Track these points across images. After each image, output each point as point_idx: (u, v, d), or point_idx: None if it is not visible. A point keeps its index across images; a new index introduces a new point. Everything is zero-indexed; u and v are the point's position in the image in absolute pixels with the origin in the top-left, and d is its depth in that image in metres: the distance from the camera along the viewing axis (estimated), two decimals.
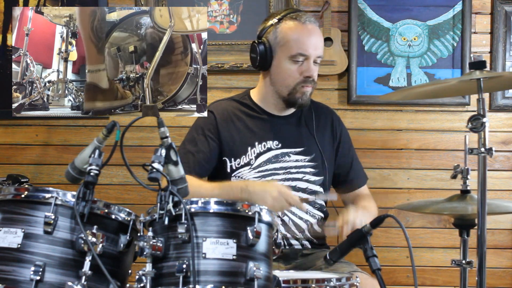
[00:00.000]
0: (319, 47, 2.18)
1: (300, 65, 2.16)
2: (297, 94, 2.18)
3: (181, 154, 2.14)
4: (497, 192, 3.00)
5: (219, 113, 2.25)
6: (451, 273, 2.99)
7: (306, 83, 2.18)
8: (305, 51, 2.15)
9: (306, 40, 2.15)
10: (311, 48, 2.15)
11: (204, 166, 2.19)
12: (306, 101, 2.21)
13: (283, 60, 2.18)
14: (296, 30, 2.16)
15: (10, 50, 2.99)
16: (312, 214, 2.25)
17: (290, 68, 2.17)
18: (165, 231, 1.45)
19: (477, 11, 3.03)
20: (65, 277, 1.40)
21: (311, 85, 2.19)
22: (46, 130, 3.04)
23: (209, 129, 2.22)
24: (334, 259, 1.76)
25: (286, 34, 2.17)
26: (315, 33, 2.19)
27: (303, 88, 2.18)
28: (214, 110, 2.27)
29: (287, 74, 2.18)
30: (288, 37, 2.16)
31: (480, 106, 1.58)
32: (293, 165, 2.22)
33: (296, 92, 2.18)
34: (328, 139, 2.31)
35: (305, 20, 2.18)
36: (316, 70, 2.20)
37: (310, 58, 2.16)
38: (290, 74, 2.18)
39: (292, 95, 2.19)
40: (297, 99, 2.19)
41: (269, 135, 2.23)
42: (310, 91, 2.21)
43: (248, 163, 2.20)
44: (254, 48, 2.20)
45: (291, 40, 2.16)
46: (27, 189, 1.48)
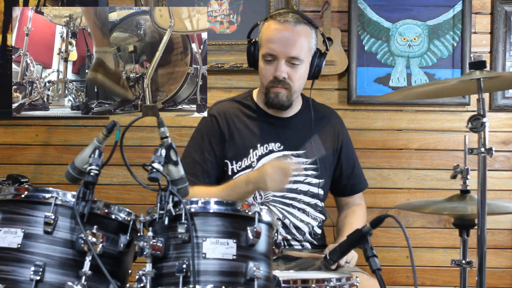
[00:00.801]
0: (289, 46, 2.10)
1: (271, 64, 2.14)
2: (270, 94, 2.17)
3: (189, 164, 2.16)
4: (497, 192, 3.00)
5: (221, 116, 2.24)
6: (451, 273, 2.99)
7: (274, 83, 2.14)
8: (272, 50, 2.11)
9: (274, 39, 2.11)
10: (279, 47, 2.10)
11: (211, 174, 2.20)
12: (280, 102, 2.16)
13: (260, 60, 2.18)
14: (269, 29, 2.15)
15: (10, 50, 2.99)
16: (314, 217, 2.25)
17: (263, 68, 2.17)
18: (165, 231, 1.45)
19: (477, 11, 3.03)
20: (65, 277, 1.40)
21: (282, 87, 2.14)
22: (46, 130, 3.04)
23: (213, 134, 2.22)
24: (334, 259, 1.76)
25: (263, 33, 2.18)
26: (288, 32, 2.11)
27: (273, 88, 2.15)
28: (215, 113, 2.26)
29: (262, 74, 2.18)
30: (263, 36, 2.16)
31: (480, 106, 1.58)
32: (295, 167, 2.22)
33: (269, 92, 2.17)
34: (330, 142, 2.30)
35: (283, 19, 2.12)
36: (292, 72, 2.13)
37: (279, 58, 2.11)
38: (263, 74, 2.17)
39: (267, 95, 2.18)
40: (269, 99, 2.17)
41: (271, 137, 2.23)
42: (283, 92, 2.14)
43: (250, 166, 2.19)
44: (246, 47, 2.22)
45: (264, 39, 2.15)
46: (27, 189, 1.48)
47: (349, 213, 2.32)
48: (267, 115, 2.26)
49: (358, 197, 2.39)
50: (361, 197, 2.41)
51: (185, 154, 2.23)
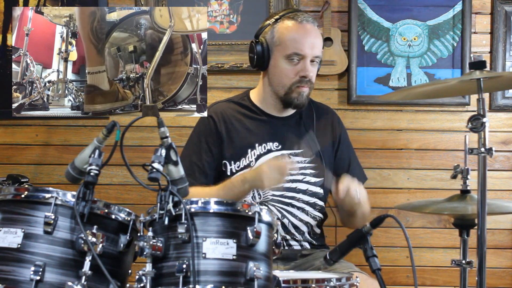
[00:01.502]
0: (316, 46, 2.16)
1: (295, 64, 2.15)
2: (293, 94, 2.17)
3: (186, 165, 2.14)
4: (497, 192, 3.00)
5: (218, 117, 2.24)
6: (451, 273, 2.99)
7: (302, 83, 2.16)
8: (300, 51, 2.14)
9: (302, 40, 2.14)
10: (307, 47, 2.14)
11: (209, 175, 2.20)
12: (303, 102, 2.19)
13: (279, 60, 2.17)
14: (292, 29, 2.16)
15: (10, 50, 2.99)
16: (313, 216, 2.25)
17: (286, 68, 2.16)
18: (165, 231, 1.45)
19: (477, 11, 3.03)
20: (65, 277, 1.40)
21: (307, 86, 2.17)
22: (46, 130, 3.04)
23: (210, 135, 2.22)
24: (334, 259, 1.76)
25: (282, 33, 2.16)
26: (312, 33, 2.17)
27: (298, 88, 2.17)
28: (213, 114, 2.26)
29: (283, 74, 2.17)
30: (284, 37, 2.16)
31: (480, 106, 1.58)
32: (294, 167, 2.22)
33: (292, 92, 2.17)
34: (328, 140, 2.31)
35: (302, 19, 2.17)
36: (313, 70, 2.19)
37: (306, 58, 2.14)
38: (286, 74, 2.17)
39: (288, 95, 2.18)
40: (293, 99, 2.18)
41: (269, 136, 2.23)
42: (307, 91, 2.19)
43: (248, 165, 2.19)
44: (252, 47, 2.21)
45: (287, 39, 2.15)
46: (27, 189, 1.48)
47: None
48: (264, 114, 2.26)
49: None
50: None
51: (182, 155, 2.23)
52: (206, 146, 2.21)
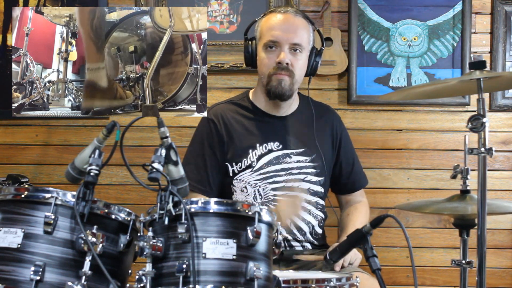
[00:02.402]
0: (292, 33, 2.15)
1: (273, 52, 2.16)
2: (272, 82, 2.16)
3: (193, 171, 2.17)
4: (497, 192, 3.00)
5: (218, 120, 2.25)
6: (451, 273, 2.99)
7: (279, 70, 2.15)
8: (274, 37, 2.14)
9: (276, 27, 2.16)
10: (282, 33, 2.14)
11: (216, 179, 2.21)
12: (283, 91, 2.16)
13: (260, 52, 2.20)
14: (269, 20, 2.19)
15: (10, 50, 2.99)
16: (314, 215, 2.25)
17: (265, 57, 2.18)
18: (165, 231, 1.45)
19: (477, 11, 3.03)
20: (65, 277, 1.40)
21: (286, 74, 2.15)
22: (46, 130, 3.04)
23: (212, 139, 2.22)
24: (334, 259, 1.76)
25: (262, 26, 2.20)
26: (289, 20, 2.17)
27: (276, 75, 2.15)
28: (213, 117, 2.26)
29: (262, 64, 2.19)
30: (263, 28, 2.20)
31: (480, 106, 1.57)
32: (295, 166, 2.22)
33: (271, 80, 2.17)
34: (328, 139, 2.31)
35: (281, 10, 2.19)
36: (294, 59, 2.16)
37: (282, 44, 2.14)
38: (265, 63, 2.18)
39: (269, 84, 2.17)
40: (272, 88, 2.16)
41: (270, 136, 2.23)
42: (287, 80, 2.15)
43: (250, 166, 2.19)
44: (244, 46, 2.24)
45: (264, 29, 2.18)
46: (27, 189, 1.48)
47: (351, 211, 2.33)
48: (264, 114, 2.26)
49: (359, 194, 2.39)
50: (362, 194, 2.41)
51: (187, 160, 2.23)
52: (209, 150, 2.21)
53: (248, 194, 2.18)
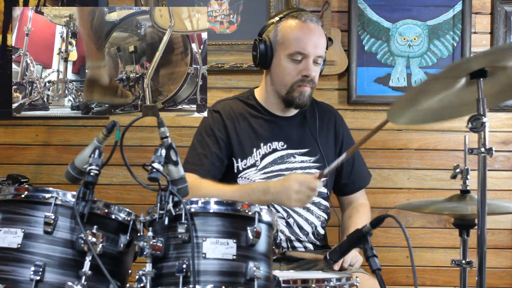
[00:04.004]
0: (319, 46, 2.16)
1: (298, 63, 2.15)
2: (295, 93, 2.17)
3: (194, 157, 2.15)
4: (497, 192, 3.00)
5: (225, 113, 2.24)
6: (451, 273, 2.99)
7: (304, 82, 2.15)
8: (303, 50, 2.13)
9: (305, 39, 2.13)
10: (310, 46, 2.13)
11: (218, 168, 2.19)
12: (304, 101, 2.19)
13: (282, 59, 2.16)
14: (295, 28, 2.15)
15: (10, 50, 3.00)
16: (317, 216, 2.25)
17: (289, 67, 2.16)
18: (165, 231, 1.45)
19: (477, 11, 3.03)
20: (65, 277, 1.40)
21: (309, 85, 2.17)
22: (46, 130, 3.04)
23: (218, 128, 2.21)
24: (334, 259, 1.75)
25: (285, 32, 2.16)
26: (315, 32, 2.16)
27: (300, 87, 2.16)
28: (220, 109, 2.25)
29: (285, 73, 2.17)
30: (288, 36, 2.15)
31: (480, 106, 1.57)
32: (298, 166, 2.22)
33: (294, 91, 2.17)
34: (331, 139, 2.31)
35: (306, 19, 2.16)
36: (316, 70, 2.18)
37: (309, 57, 2.14)
38: (288, 72, 2.16)
39: (289, 94, 2.17)
40: (294, 99, 2.17)
41: (274, 136, 2.23)
42: (309, 91, 2.18)
43: (254, 164, 2.19)
44: (255, 45, 2.20)
45: (290, 38, 2.15)
46: (27, 189, 1.48)
47: (353, 212, 2.32)
48: (269, 114, 2.26)
49: (360, 195, 2.39)
50: (363, 195, 2.40)
51: (190, 149, 2.23)
52: (213, 138, 2.20)
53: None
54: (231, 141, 2.20)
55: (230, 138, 2.20)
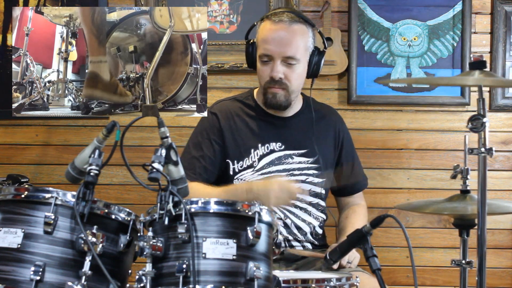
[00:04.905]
0: (284, 46, 2.10)
1: (267, 65, 2.14)
2: (268, 94, 2.16)
3: (187, 160, 2.15)
4: (497, 192, 3.00)
5: (222, 115, 2.24)
6: (451, 273, 2.99)
7: (271, 83, 2.13)
8: (267, 51, 2.11)
9: (269, 40, 2.11)
10: (274, 47, 2.10)
11: (210, 171, 2.19)
12: (278, 103, 2.16)
13: (257, 60, 2.18)
14: (264, 30, 2.15)
15: (10, 50, 2.99)
16: (316, 216, 2.25)
17: (260, 69, 2.17)
18: (165, 231, 1.45)
19: (477, 11, 3.03)
20: (65, 277, 1.41)
21: (279, 87, 2.13)
22: (46, 130, 3.04)
23: (213, 132, 2.21)
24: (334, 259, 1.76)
25: (259, 34, 2.18)
26: (281, 32, 2.11)
27: (270, 89, 2.15)
28: (217, 111, 2.25)
29: (259, 75, 2.19)
30: (259, 37, 2.17)
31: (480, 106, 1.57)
32: (296, 167, 2.22)
33: (266, 93, 2.17)
34: (330, 141, 2.31)
35: (278, 19, 2.12)
36: (288, 71, 2.12)
37: (275, 58, 2.11)
38: (260, 74, 2.18)
39: (265, 95, 2.18)
40: (267, 100, 2.17)
41: (272, 136, 2.23)
42: (281, 92, 2.14)
43: (251, 165, 2.19)
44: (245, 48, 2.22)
45: (260, 40, 2.15)
46: (27, 189, 1.48)
47: (350, 213, 2.32)
48: (268, 114, 2.26)
49: (358, 197, 2.39)
50: (361, 196, 2.41)
51: (184, 151, 2.23)
52: (208, 141, 2.20)
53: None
54: (227, 143, 2.20)
55: (226, 141, 2.20)
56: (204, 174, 2.17)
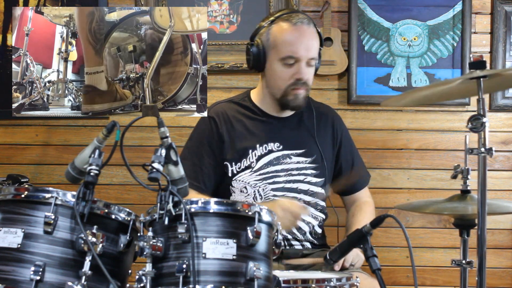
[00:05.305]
0: (311, 49, 2.13)
1: (290, 67, 2.13)
2: (289, 96, 2.16)
3: (188, 167, 2.14)
4: (497, 192, 3.00)
5: (219, 118, 2.24)
6: (451, 273, 2.99)
7: (297, 85, 2.14)
8: (295, 54, 2.11)
9: (296, 43, 2.12)
10: (302, 50, 2.11)
11: (212, 177, 2.20)
12: (299, 104, 2.18)
13: (274, 63, 2.15)
14: (286, 32, 2.13)
15: (10, 50, 2.99)
16: (314, 216, 2.25)
17: (281, 71, 2.15)
18: (165, 231, 1.45)
19: (477, 11, 3.03)
20: (65, 277, 1.40)
21: (303, 88, 2.16)
22: (46, 130, 3.04)
23: (213, 137, 2.21)
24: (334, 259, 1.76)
25: (276, 36, 2.14)
26: (307, 35, 2.14)
27: (293, 90, 2.15)
28: (214, 115, 2.25)
29: (278, 77, 2.16)
30: (279, 40, 2.13)
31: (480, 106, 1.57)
32: (294, 167, 2.22)
33: (288, 94, 2.16)
34: (329, 140, 2.31)
35: (297, 21, 2.13)
36: (309, 72, 2.16)
37: (301, 60, 2.12)
38: (281, 76, 2.15)
39: (284, 97, 2.17)
40: (289, 102, 2.17)
41: (270, 137, 2.23)
42: (303, 93, 2.17)
43: (249, 166, 2.19)
44: (248, 49, 2.19)
45: (282, 42, 2.13)
46: (27, 189, 1.48)
47: (356, 211, 2.32)
48: (265, 115, 2.26)
49: (363, 194, 2.39)
50: (367, 194, 2.40)
51: (183, 156, 2.21)
52: (208, 148, 2.20)
53: (248, 194, 2.18)
54: (226, 146, 2.20)
55: (224, 144, 2.20)
56: (207, 181, 2.18)
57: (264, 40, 2.16)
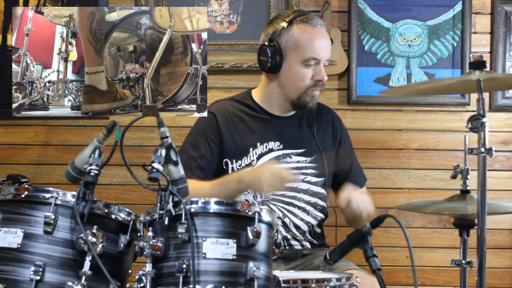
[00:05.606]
0: (328, 50, 2.20)
1: (311, 68, 2.16)
2: (307, 97, 2.18)
3: (183, 159, 2.13)
4: (497, 192, 3.00)
5: (220, 114, 2.24)
6: (451, 273, 2.99)
7: (317, 86, 2.18)
8: (317, 55, 2.15)
9: (318, 44, 2.16)
10: (324, 52, 2.17)
11: (206, 171, 2.18)
12: (315, 104, 2.22)
13: (294, 64, 2.16)
14: (309, 34, 2.16)
15: (10, 50, 2.99)
16: (314, 216, 2.25)
17: (302, 72, 2.16)
18: (165, 231, 1.45)
19: (477, 11, 3.03)
20: (65, 277, 1.40)
21: (320, 88, 2.21)
22: (46, 130, 3.04)
23: (210, 131, 2.21)
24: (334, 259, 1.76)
25: (299, 37, 2.15)
26: (325, 36, 2.20)
27: (313, 91, 2.18)
28: (215, 111, 2.26)
29: (298, 78, 2.17)
30: (301, 41, 2.15)
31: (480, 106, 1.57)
32: (295, 166, 2.22)
33: (307, 95, 2.18)
34: (329, 140, 2.31)
35: (316, 23, 2.18)
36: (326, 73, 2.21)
37: (321, 61, 2.17)
38: (301, 77, 2.17)
39: (302, 98, 2.18)
40: (307, 103, 2.19)
41: (271, 136, 2.23)
42: (318, 94, 2.22)
43: (250, 164, 2.19)
44: (264, 51, 2.17)
45: (304, 44, 2.15)
46: (27, 189, 1.48)
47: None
48: (266, 114, 2.26)
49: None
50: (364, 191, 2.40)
51: (181, 150, 2.23)
52: (205, 141, 2.21)
53: (248, 192, 2.18)
54: (225, 143, 2.20)
55: (223, 140, 2.20)
56: (201, 173, 2.17)
57: (283, 41, 2.16)
